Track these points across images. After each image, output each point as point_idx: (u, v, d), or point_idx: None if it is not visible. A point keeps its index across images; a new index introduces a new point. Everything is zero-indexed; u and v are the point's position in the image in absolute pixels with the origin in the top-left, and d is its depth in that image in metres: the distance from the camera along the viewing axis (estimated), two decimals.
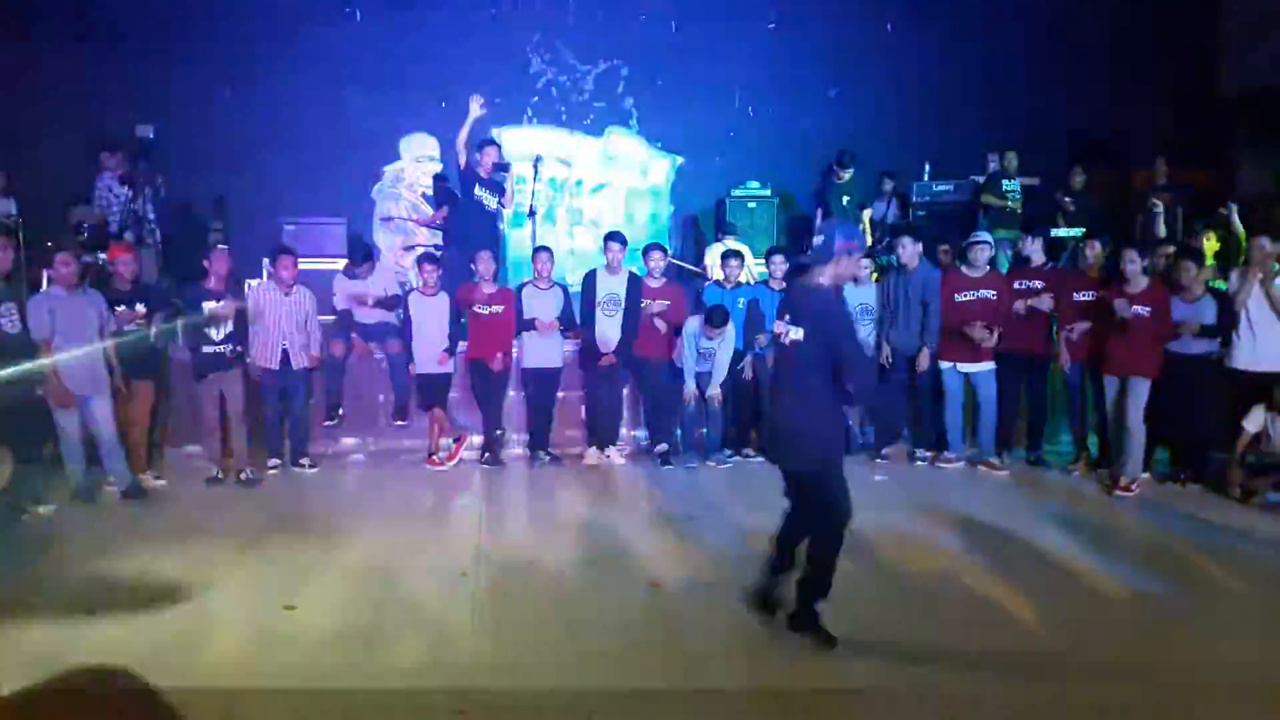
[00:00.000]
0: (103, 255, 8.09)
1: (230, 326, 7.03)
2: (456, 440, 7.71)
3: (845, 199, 9.92)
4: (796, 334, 4.00)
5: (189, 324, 6.96)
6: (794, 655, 4.02)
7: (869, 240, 9.86)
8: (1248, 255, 6.99)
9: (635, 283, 7.81)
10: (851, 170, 9.88)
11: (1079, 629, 4.32)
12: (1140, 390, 6.65)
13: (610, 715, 3.57)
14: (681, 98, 11.32)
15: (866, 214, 10.18)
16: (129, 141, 9.25)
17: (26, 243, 8.01)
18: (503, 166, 8.71)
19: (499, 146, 8.53)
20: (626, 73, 11.45)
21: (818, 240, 4.09)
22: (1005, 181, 10.10)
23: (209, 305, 6.95)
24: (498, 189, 8.46)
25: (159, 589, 4.81)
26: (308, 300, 7.45)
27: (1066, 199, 10.09)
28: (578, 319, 7.86)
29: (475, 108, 8.18)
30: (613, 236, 7.93)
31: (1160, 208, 9.47)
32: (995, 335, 7.28)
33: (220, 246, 7.24)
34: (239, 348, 7.10)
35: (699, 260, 10.10)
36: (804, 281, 4.19)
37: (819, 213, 9.98)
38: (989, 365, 7.44)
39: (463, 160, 8.30)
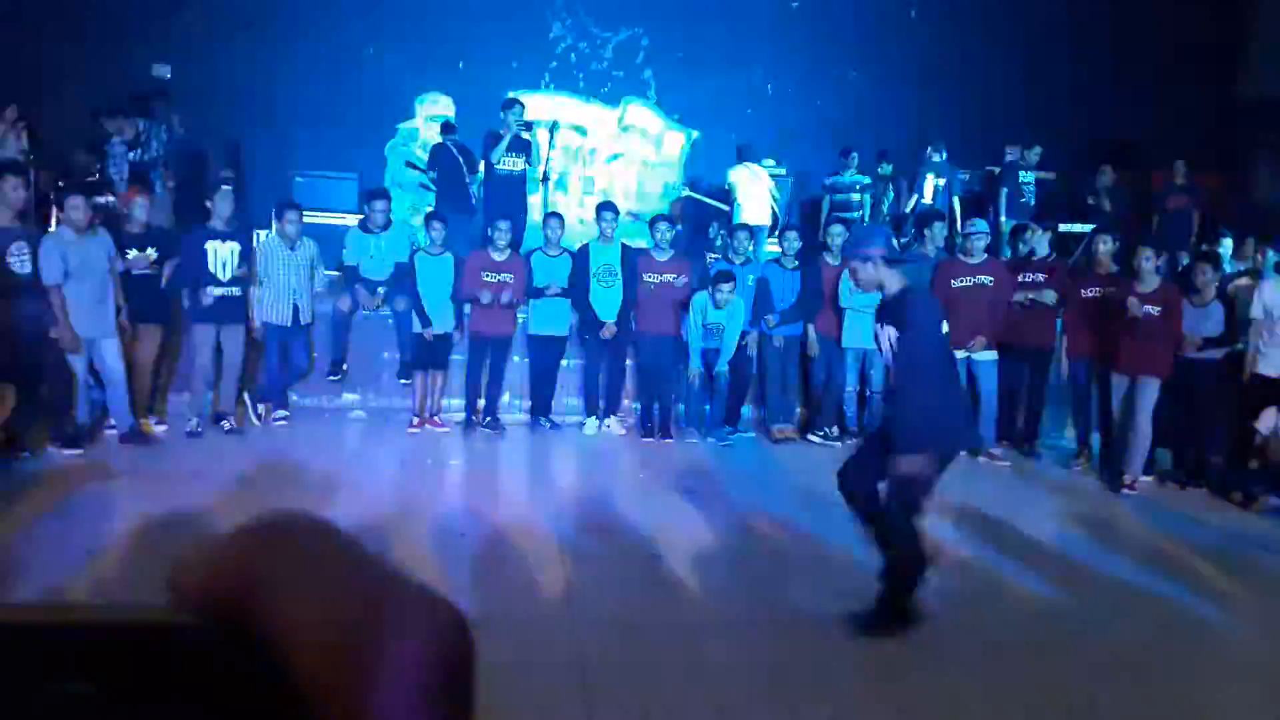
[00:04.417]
0: (113, 198, 8.03)
1: (236, 268, 6.99)
2: (431, 416, 7.64)
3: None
4: None
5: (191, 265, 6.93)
6: (787, 626, 4.02)
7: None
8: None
9: (630, 253, 7.78)
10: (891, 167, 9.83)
11: (1077, 621, 4.32)
12: (1150, 390, 6.61)
13: (604, 678, 3.57)
14: (700, 71, 11.24)
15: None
16: (143, 81, 9.12)
17: (37, 184, 7.95)
18: (526, 125, 8.57)
19: (523, 105, 8.37)
20: (647, 43, 11.37)
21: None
22: (1022, 173, 10.03)
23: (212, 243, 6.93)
24: (524, 149, 8.35)
25: (154, 532, 4.81)
26: (312, 251, 7.43)
27: (1095, 198, 10.01)
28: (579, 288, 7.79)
29: None
30: (606, 206, 7.89)
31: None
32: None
33: (226, 186, 7.16)
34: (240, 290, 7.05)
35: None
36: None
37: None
38: (991, 355, 7.40)
39: None
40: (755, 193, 9.43)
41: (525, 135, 8.46)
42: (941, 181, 9.67)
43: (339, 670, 0.31)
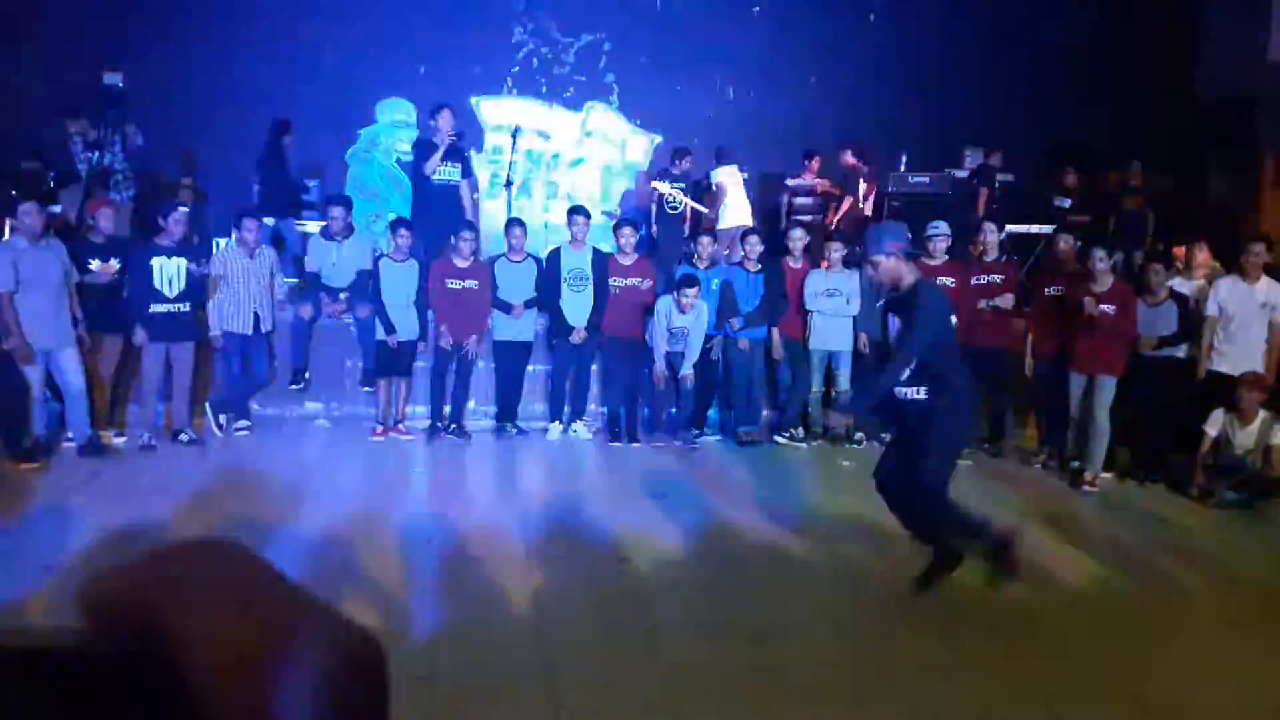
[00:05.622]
0: (57, 208, 7.89)
1: (184, 284, 6.88)
2: (395, 424, 7.58)
3: None
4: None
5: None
6: (755, 629, 4.04)
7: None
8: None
9: (600, 257, 7.77)
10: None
11: (1037, 616, 4.38)
12: (1107, 388, 6.72)
13: (574, 680, 3.57)
14: (663, 76, 11.25)
15: None
16: (96, 89, 8.96)
17: None
18: (459, 134, 8.46)
19: (453, 110, 8.29)
20: (609, 47, 11.36)
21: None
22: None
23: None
24: (458, 159, 8.29)
25: (115, 546, 4.73)
26: (271, 258, 7.36)
27: (1064, 200, 10.10)
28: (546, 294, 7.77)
29: None
30: (577, 210, 7.87)
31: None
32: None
33: (182, 209, 7.06)
34: (189, 306, 6.95)
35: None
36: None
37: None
38: None
39: None
40: (738, 194, 9.46)
41: (459, 143, 8.36)
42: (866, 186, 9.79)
43: (242, 691, 0.31)
